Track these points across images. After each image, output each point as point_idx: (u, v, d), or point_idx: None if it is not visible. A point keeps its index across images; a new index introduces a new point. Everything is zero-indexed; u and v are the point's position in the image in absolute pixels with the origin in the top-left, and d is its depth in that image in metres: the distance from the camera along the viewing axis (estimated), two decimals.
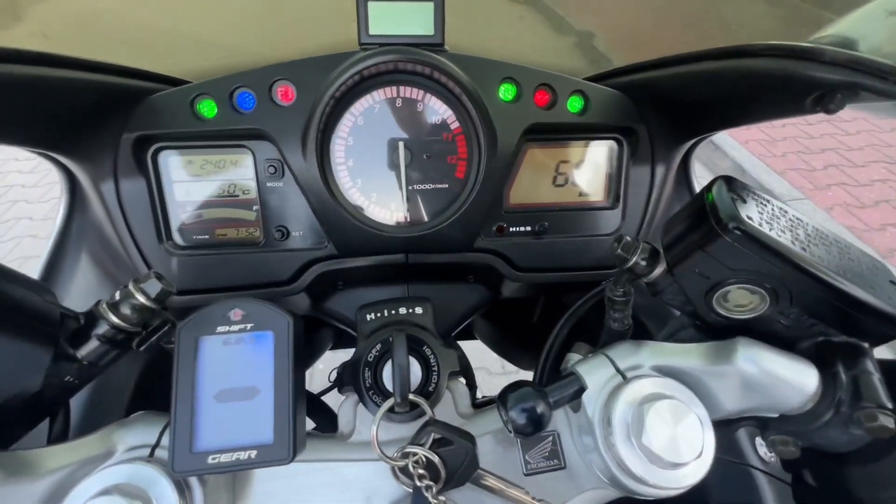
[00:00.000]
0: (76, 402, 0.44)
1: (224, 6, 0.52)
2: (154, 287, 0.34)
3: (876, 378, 0.31)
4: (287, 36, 0.54)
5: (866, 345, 0.34)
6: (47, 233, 0.56)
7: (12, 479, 0.29)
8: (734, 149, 3.86)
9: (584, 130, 0.57)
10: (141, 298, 0.34)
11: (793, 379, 0.33)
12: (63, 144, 0.50)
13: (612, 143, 0.60)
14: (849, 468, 0.34)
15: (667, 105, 0.56)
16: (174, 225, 0.55)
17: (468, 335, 1.06)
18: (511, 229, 0.60)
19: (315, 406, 0.71)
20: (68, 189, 0.59)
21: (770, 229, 0.33)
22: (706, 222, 0.34)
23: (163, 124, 0.50)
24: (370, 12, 0.49)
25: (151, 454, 0.33)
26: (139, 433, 0.34)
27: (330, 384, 0.57)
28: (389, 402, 0.39)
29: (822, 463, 0.36)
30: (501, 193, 0.59)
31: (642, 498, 0.38)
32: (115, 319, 0.33)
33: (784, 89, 0.42)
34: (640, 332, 0.48)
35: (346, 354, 0.53)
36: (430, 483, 0.36)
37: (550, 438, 0.42)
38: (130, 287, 0.34)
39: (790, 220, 0.36)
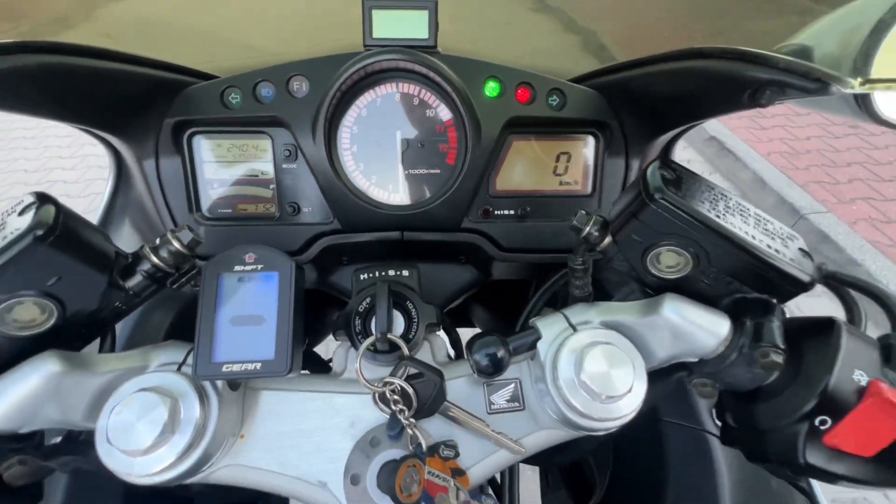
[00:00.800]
0: (121, 339, 0.53)
1: (249, 13, 0.61)
2: (186, 236, 0.43)
3: (775, 326, 0.37)
4: (302, 38, 0.62)
5: (774, 301, 0.39)
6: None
7: (76, 372, 0.37)
8: (755, 161, 3.81)
9: (562, 125, 0.64)
10: (176, 245, 0.42)
11: (708, 327, 0.39)
12: (115, 126, 0.59)
13: (589, 136, 0.66)
14: (755, 405, 0.39)
15: (636, 102, 0.62)
16: (203, 199, 0.65)
17: (468, 323, 1.13)
18: (496, 212, 0.67)
19: (318, 363, 0.80)
20: (115, 167, 0.69)
21: (691, 200, 0.39)
22: (639, 195, 0.40)
23: (197, 111, 0.59)
24: (374, 19, 0.57)
25: (178, 369, 0.41)
26: (169, 353, 0.42)
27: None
28: (371, 339, 0.47)
29: (737, 405, 0.41)
30: (488, 180, 0.66)
31: (589, 434, 0.44)
32: (155, 260, 0.42)
33: (727, 86, 0.48)
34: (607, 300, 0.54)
35: None
36: (404, 408, 0.43)
37: (513, 384, 0.48)
38: (168, 235, 0.42)
39: (714, 194, 0.42)
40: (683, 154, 4.26)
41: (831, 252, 3.01)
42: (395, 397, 0.43)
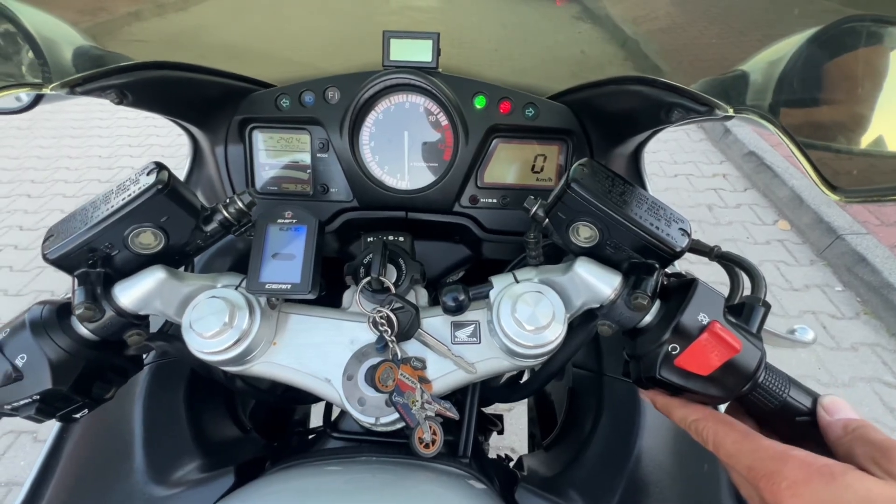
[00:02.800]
0: (198, 270, 0.73)
1: (296, 36, 0.81)
2: (246, 198, 0.61)
3: (649, 281, 0.51)
4: (335, 55, 0.81)
5: (657, 265, 0.53)
6: None
7: (174, 280, 0.56)
8: (794, 177, 3.72)
9: (537, 131, 0.79)
10: (239, 203, 0.61)
11: (606, 280, 0.53)
12: (198, 120, 0.80)
13: (560, 142, 0.81)
14: (636, 339, 0.53)
15: (597, 115, 0.76)
16: (257, 178, 0.84)
17: None
18: (482, 200, 0.83)
19: (331, 300, 0.99)
20: (192, 150, 0.91)
21: (598, 190, 0.53)
22: (563, 184, 0.55)
23: (257, 111, 0.79)
24: (391, 45, 0.74)
25: (236, 288, 0.60)
26: (230, 279, 0.61)
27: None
28: (367, 279, 0.64)
29: (627, 343, 0.55)
30: (476, 173, 0.82)
31: (524, 360, 0.59)
32: (225, 213, 0.60)
33: (650, 107, 0.63)
34: None
35: None
36: (388, 329, 0.59)
37: (474, 325, 0.64)
38: (234, 196, 0.61)
39: (619, 186, 0.55)
40: (720, 168, 4.22)
41: (867, 274, 2.93)
42: (382, 321, 0.60)
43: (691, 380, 0.48)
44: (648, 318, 0.52)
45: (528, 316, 0.55)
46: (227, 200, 0.61)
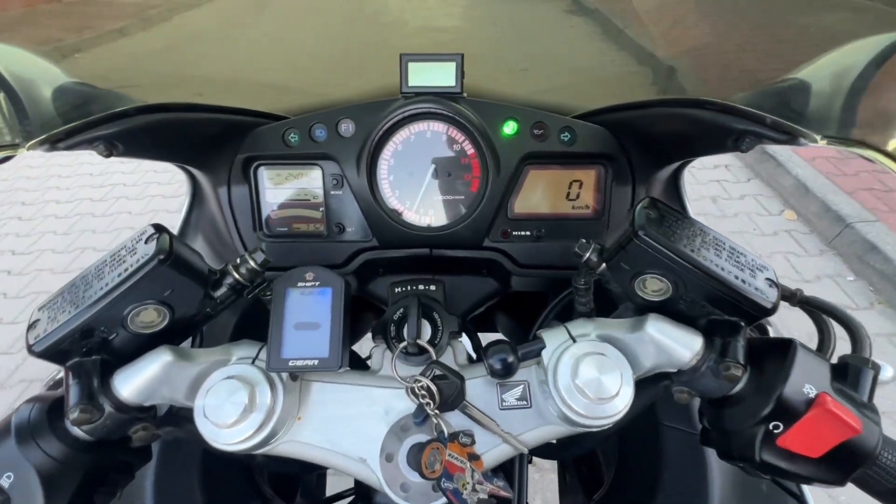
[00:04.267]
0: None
1: (301, 62, 0.73)
2: (260, 257, 0.54)
3: (739, 344, 0.44)
4: (348, 82, 0.73)
5: (742, 323, 0.46)
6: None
7: (182, 362, 0.48)
8: (798, 166, 3.67)
9: (574, 157, 0.72)
10: (252, 263, 0.53)
11: (684, 342, 0.46)
12: (197, 161, 0.72)
13: (599, 166, 0.74)
14: (723, 410, 0.46)
15: (640, 137, 0.69)
16: (264, 219, 0.77)
17: (492, 329, 1.22)
18: (514, 233, 0.75)
19: (358, 361, 0.91)
20: (191, 190, 0.83)
21: (670, 237, 0.46)
22: (627, 230, 0.48)
23: (263, 148, 0.71)
24: (409, 70, 0.67)
25: (253, 362, 0.52)
26: (245, 350, 0.53)
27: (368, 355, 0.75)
28: (404, 344, 0.57)
29: (710, 410, 0.48)
30: (507, 204, 0.74)
31: (586, 430, 0.52)
32: (236, 275, 0.53)
33: (713, 132, 0.55)
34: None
35: None
36: (430, 402, 0.52)
37: (522, 385, 0.57)
38: (246, 256, 0.54)
39: (693, 231, 0.49)
40: (722, 160, 4.16)
41: (879, 263, 2.89)
42: (423, 392, 0.52)
43: (798, 462, 0.42)
44: (738, 387, 0.45)
45: (592, 383, 0.48)
46: (238, 261, 0.54)
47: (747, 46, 0.67)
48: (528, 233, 0.75)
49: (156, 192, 3.79)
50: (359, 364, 0.81)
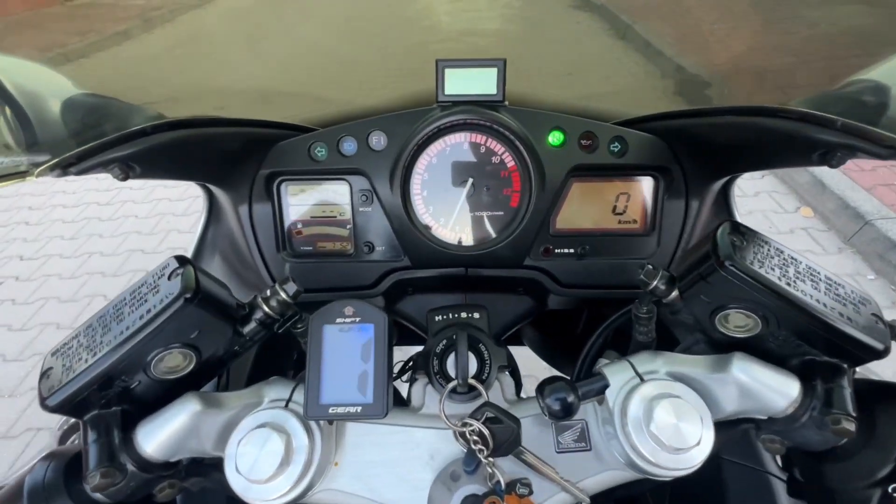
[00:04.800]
0: None
1: (327, 69, 0.68)
2: (291, 288, 0.49)
3: (847, 392, 0.39)
4: (379, 90, 0.68)
5: (845, 365, 0.40)
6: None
7: (210, 410, 0.44)
8: None
9: (623, 169, 0.67)
10: (283, 295, 0.48)
11: (777, 388, 0.41)
12: (216, 177, 0.67)
13: (649, 178, 0.68)
14: (825, 465, 0.41)
15: (698, 148, 0.63)
16: (288, 239, 0.71)
17: (517, 341, 1.16)
18: (556, 251, 0.70)
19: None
20: (207, 207, 0.78)
21: (760, 267, 0.41)
22: (708, 258, 0.42)
23: (287, 163, 0.66)
24: (446, 77, 0.61)
25: (286, 405, 0.47)
26: (277, 390, 0.49)
27: (397, 372, 0.70)
28: (453, 384, 0.52)
29: (806, 461, 0.43)
30: (549, 220, 0.69)
31: (654, 478, 0.47)
32: (266, 309, 0.48)
33: (794, 145, 0.50)
34: (671, 343, 0.56)
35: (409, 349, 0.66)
36: (483, 448, 0.47)
37: (580, 425, 0.52)
38: (276, 287, 0.49)
39: (783, 259, 0.43)
40: None
41: None
42: (475, 438, 0.47)
43: None
44: (843, 440, 0.40)
45: (668, 430, 0.43)
46: (268, 293, 0.49)
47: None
48: (570, 250, 0.70)
49: (161, 195, 3.75)
50: (396, 398, 0.76)
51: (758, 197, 3.62)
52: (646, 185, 0.69)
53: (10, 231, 3.53)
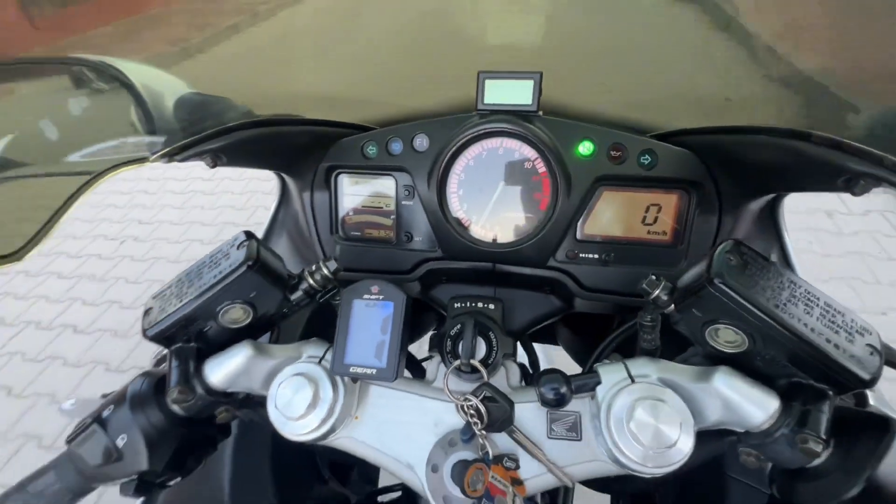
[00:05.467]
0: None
1: (380, 77, 0.76)
2: (332, 265, 0.58)
3: (823, 415, 0.39)
4: (423, 95, 0.75)
5: (830, 390, 0.41)
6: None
7: (260, 356, 0.55)
8: None
9: (654, 181, 0.68)
10: (325, 271, 0.58)
11: (756, 403, 0.43)
12: (286, 167, 0.79)
13: (681, 191, 0.68)
14: (798, 483, 0.42)
15: (732, 165, 0.63)
16: (340, 224, 0.82)
17: (553, 341, 1.20)
18: (581, 255, 0.73)
19: (415, 365, 0.95)
20: (280, 192, 0.91)
21: (751, 287, 0.42)
22: (702, 275, 0.45)
23: (343, 159, 0.76)
24: (486, 87, 0.67)
25: (319, 362, 0.57)
26: (314, 348, 0.58)
27: (426, 355, 0.78)
28: (457, 363, 0.58)
29: (782, 479, 0.44)
30: (575, 225, 0.72)
31: (636, 475, 0.50)
32: (311, 281, 0.58)
33: (821, 169, 0.49)
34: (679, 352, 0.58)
35: None
36: (477, 421, 0.53)
37: (574, 417, 0.56)
38: (321, 264, 0.58)
39: (780, 282, 0.44)
40: None
41: None
42: (472, 412, 0.54)
43: None
44: (818, 461, 0.41)
45: (647, 429, 0.46)
46: (314, 268, 0.58)
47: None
48: (595, 255, 0.73)
49: (251, 174, 4.14)
50: (416, 367, 0.85)
51: (867, 217, 3.19)
52: (677, 198, 0.69)
53: (132, 198, 4.13)
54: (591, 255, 0.73)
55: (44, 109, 0.63)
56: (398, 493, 0.83)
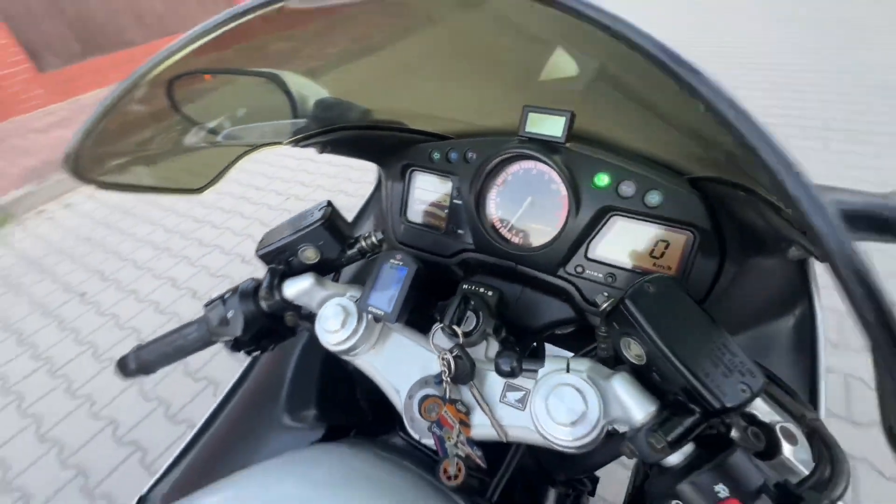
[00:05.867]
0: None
1: (453, 102, 0.95)
2: (379, 236, 0.81)
3: (679, 428, 0.47)
4: (482, 118, 0.93)
5: (698, 412, 0.48)
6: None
7: (318, 285, 0.80)
8: None
9: (658, 218, 0.75)
10: (373, 240, 0.81)
11: (637, 404, 0.52)
12: (378, 160, 1.04)
13: (687, 232, 0.74)
14: (650, 474, 0.50)
15: (735, 217, 0.67)
16: (408, 210, 1.05)
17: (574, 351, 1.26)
18: (587, 272, 0.83)
19: (427, 324, 1.13)
20: (377, 178, 1.17)
21: (655, 314, 0.51)
22: (625, 293, 0.55)
23: (416, 159, 0.98)
24: (528, 118, 0.82)
25: (356, 301, 0.80)
26: (355, 291, 0.81)
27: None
28: (440, 325, 0.76)
29: (638, 471, 0.53)
30: (587, 245, 0.83)
31: (550, 446, 0.62)
32: (363, 244, 0.81)
33: (770, 230, 0.54)
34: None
35: None
36: (446, 370, 0.71)
37: (525, 392, 0.69)
38: (372, 233, 0.81)
39: (691, 320, 0.51)
40: None
41: None
42: (444, 363, 0.71)
43: None
44: (674, 460, 0.49)
45: (557, 408, 0.58)
46: (367, 234, 0.81)
47: None
48: (599, 275, 0.82)
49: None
50: (429, 322, 1.04)
51: None
52: (685, 238, 0.75)
53: (295, 175, 5.03)
54: (595, 274, 0.83)
55: (239, 100, 0.97)
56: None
